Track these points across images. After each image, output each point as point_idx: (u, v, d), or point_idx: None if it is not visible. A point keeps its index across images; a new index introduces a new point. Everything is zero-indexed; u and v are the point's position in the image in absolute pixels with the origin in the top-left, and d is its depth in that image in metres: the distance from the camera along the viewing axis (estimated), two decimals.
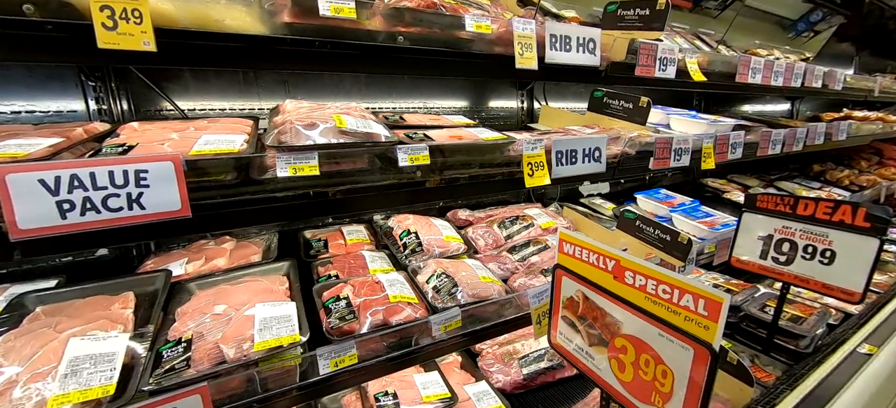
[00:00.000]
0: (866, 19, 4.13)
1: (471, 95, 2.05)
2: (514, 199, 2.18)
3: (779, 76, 2.18)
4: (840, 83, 2.75)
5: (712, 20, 3.32)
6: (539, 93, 2.14)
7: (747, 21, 3.98)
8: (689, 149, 1.68)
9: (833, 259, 1.40)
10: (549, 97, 2.22)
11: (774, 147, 2.12)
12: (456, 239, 1.45)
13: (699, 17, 3.29)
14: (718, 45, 3.08)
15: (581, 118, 1.84)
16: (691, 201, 2.12)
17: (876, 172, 3.79)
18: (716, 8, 3.18)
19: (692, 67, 1.73)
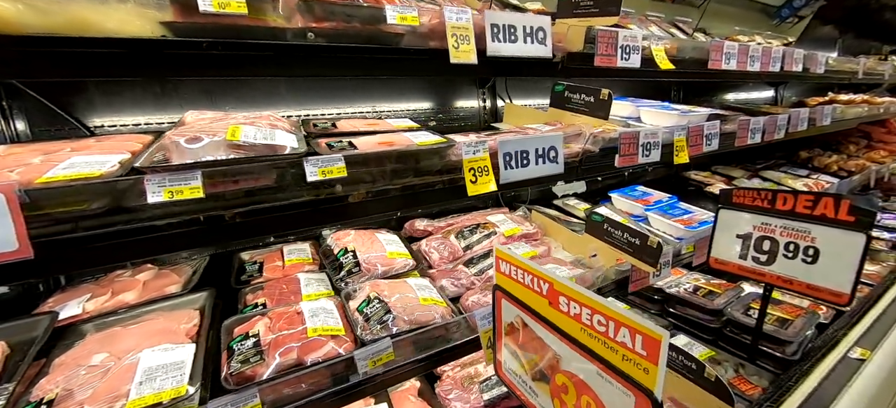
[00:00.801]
0: (847, 1, 4.04)
1: (433, 96, 1.92)
2: (481, 203, 2.05)
3: (755, 61, 2.06)
4: (822, 66, 2.63)
5: (694, 10, 3.27)
6: (503, 90, 2.01)
7: (730, 9, 3.90)
8: (659, 143, 1.55)
9: (817, 257, 1.27)
10: (515, 94, 2.09)
11: (754, 136, 2.00)
12: (403, 255, 1.31)
13: (681, 8, 3.23)
14: (694, 33, 2.97)
15: (543, 115, 1.71)
16: (669, 198, 2.00)
17: (864, 156, 3.68)
18: None
19: (659, 55, 1.60)
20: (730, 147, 1.92)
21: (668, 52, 1.70)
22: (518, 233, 1.64)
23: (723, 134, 1.87)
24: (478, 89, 1.95)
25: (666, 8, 3.12)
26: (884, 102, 3.42)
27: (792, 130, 2.35)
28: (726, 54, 1.89)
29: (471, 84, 1.97)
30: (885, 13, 5.02)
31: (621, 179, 2.71)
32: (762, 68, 2.12)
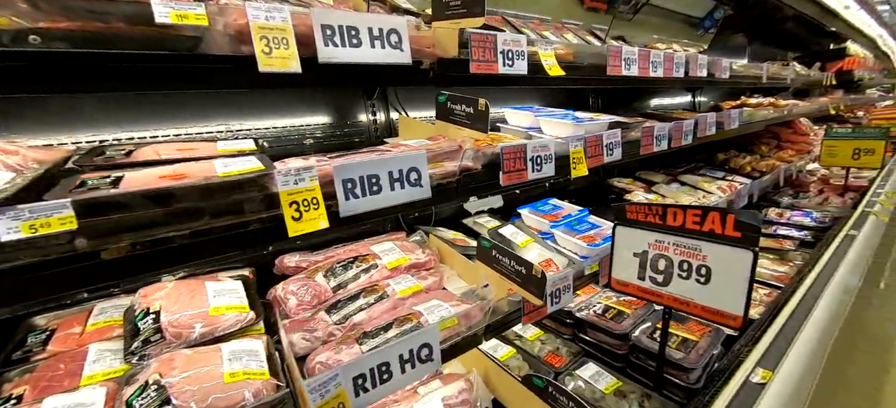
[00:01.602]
0: (753, 10, 4.29)
1: (327, 110, 1.70)
2: (380, 227, 1.83)
3: (658, 67, 2.01)
4: (726, 71, 2.68)
5: (628, 23, 3.29)
6: (400, 102, 1.82)
7: (660, 21, 4.01)
8: (551, 155, 1.41)
9: (709, 277, 1.16)
10: (419, 106, 1.91)
11: (660, 143, 1.94)
12: (236, 309, 1.06)
13: (614, 20, 3.25)
14: (613, 40, 2.96)
15: (430, 129, 1.53)
16: (580, 211, 1.88)
17: (775, 156, 3.87)
18: (628, 11, 3.21)
19: (548, 62, 1.48)
20: (635, 156, 1.85)
21: (561, 57, 1.58)
22: (405, 263, 1.43)
23: (626, 143, 1.78)
24: (365, 101, 1.74)
25: (605, 20, 3.08)
26: (787, 105, 3.61)
27: (701, 134, 2.34)
28: (626, 60, 1.81)
29: (362, 95, 1.77)
30: (787, 24, 5.44)
31: (544, 191, 2.61)
32: (666, 74, 2.09)
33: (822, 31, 5.53)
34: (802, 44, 6.30)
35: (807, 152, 4.08)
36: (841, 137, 3.52)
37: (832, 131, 3.57)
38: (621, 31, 3.23)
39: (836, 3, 3.86)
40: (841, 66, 5.42)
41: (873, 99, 7.47)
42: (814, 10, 3.96)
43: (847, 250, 2.29)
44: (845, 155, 3.50)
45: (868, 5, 4.54)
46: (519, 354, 1.63)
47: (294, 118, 1.62)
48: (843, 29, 5.11)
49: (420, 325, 1.13)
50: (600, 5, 2.94)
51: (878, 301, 3.35)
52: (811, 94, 5.71)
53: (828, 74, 5.06)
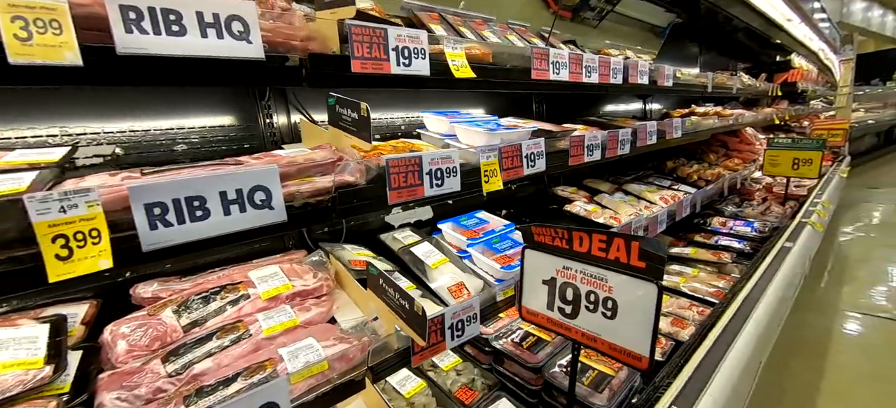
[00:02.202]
0: (699, 21, 4.33)
1: (233, 110, 1.48)
2: (281, 245, 1.62)
3: (592, 72, 1.90)
4: (670, 79, 2.63)
5: (593, 30, 3.27)
6: (301, 103, 1.61)
7: (626, 29, 3.98)
8: (455, 168, 1.25)
9: (616, 311, 1.02)
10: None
11: (592, 153, 1.83)
12: (22, 365, 0.83)
13: (579, 27, 3.18)
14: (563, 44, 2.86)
15: (325, 136, 1.33)
16: (505, 226, 1.73)
17: (722, 165, 3.91)
18: (594, 18, 3.21)
19: (455, 62, 1.31)
20: (563, 167, 1.72)
21: (476, 58, 1.42)
22: (286, 292, 1.23)
23: (553, 153, 1.65)
24: (257, 101, 1.53)
25: (570, 28, 3.05)
26: (733, 114, 3.64)
27: (641, 144, 2.26)
28: (554, 63, 1.68)
29: (253, 96, 1.55)
30: (737, 35, 5.57)
31: (481, 203, 2.46)
32: (602, 80, 1.98)
33: (770, 43, 5.71)
34: (754, 55, 6.52)
35: (752, 161, 4.16)
36: (782, 148, 3.57)
37: (774, 142, 3.63)
38: (586, 37, 3.16)
39: (779, 16, 3.94)
40: (786, 78, 5.61)
41: (818, 110, 7.85)
42: (759, 22, 4.03)
43: (780, 265, 2.27)
44: (786, 165, 3.56)
45: (809, 19, 4.70)
46: (429, 388, 1.46)
47: (183, 119, 1.39)
48: (787, 42, 5.28)
49: (273, 374, 0.94)
50: (565, 13, 2.93)
51: (816, 307, 3.42)
52: (759, 105, 5.90)
53: (774, 86, 5.21)
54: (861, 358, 2.66)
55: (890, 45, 13.53)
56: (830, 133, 5.88)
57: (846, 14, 9.79)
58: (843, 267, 4.18)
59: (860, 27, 10.60)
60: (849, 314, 3.21)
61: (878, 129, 10.75)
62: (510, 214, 2.35)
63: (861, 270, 4.08)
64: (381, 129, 1.90)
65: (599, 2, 3.14)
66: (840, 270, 4.12)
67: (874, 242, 4.80)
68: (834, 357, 2.67)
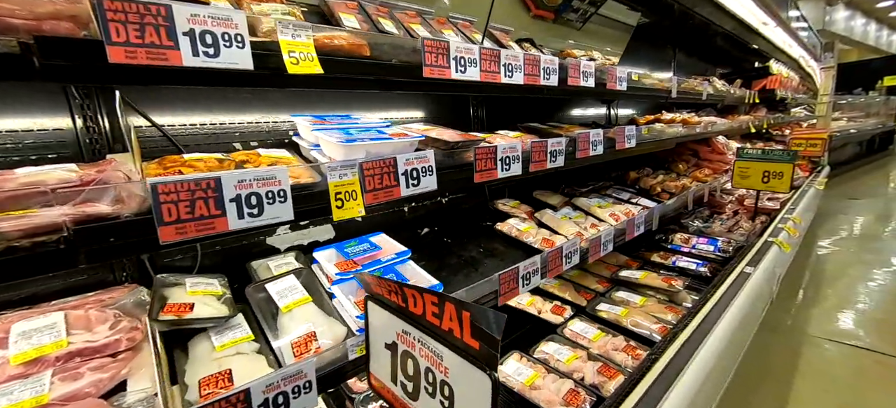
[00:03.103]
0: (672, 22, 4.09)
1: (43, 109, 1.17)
2: (110, 276, 1.31)
3: (515, 71, 1.62)
4: (623, 82, 2.36)
5: (577, 32, 3.13)
6: (130, 104, 1.30)
7: (610, 32, 3.80)
8: (283, 191, 0.95)
9: (452, 402, 0.73)
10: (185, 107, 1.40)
11: (507, 167, 1.54)
12: None
13: (562, 29, 3.02)
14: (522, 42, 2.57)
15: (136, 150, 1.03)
16: (397, 255, 1.44)
17: (692, 175, 3.67)
18: (577, 21, 3.11)
19: (294, 54, 1.01)
20: (466, 183, 1.43)
21: (339, 50, 1.13)
22: (57, 352, 0.92)
23: (449, 168, 1.36)
24: (69, 99, 1.21)
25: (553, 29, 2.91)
26: (701, 122, 3.40)
27: (582, 155, 1.99)
28: (457, 59, 1.39)
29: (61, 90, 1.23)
30: (715, 39, 5.36)
31: (399, 219, 2.17)
32: (529, 81, 1.70)
33: (748, 49, 5.51)
34: (734, 61, 6.32)
35: (724, 172, 3.92)
36: (752, 159, 3.34)
37: (744, 153, 3.39)
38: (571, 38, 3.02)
39: (753, 19, 3.71)
40: (764, 85, 5.41)
41: (799, 118, 7.70)
42: (732, 25, 3.80)
43: (737, 293, 2.00)
44: (756, 178, 3.32)
45: (785, 24, 4.48)
46: None
47: None
48: (766, 48, 5.07)
49: None
50: (547, 14, 2.82)
51: (784, 330, 3.18)
52: (736, 112, 5.70)
53: (751, 92, 5.00)
54: (827, 393, 2.42)
55: (873, 54, 13.55)
56: (809, 142, 5.69)
57: (829, 22, 9.70)
58: (818, 284, 3.97)
59: (843, 36, 10.53)
60: (818, 340, 2.98)
61: (860, 138, 10.70)
62: (433, 233, 2.06)
63: (834, 287, 3.87)
64: (261, 135, 1.60)
65: (583, 4, 2.99)
66: (814, 287, 3.91)
67: (850, 257, 4.61)
68: (798, 391, 2.42)
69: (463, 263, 1.74)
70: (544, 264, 1.66)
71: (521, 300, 2.10)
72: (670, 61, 4.87)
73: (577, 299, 2.07)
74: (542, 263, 1.63)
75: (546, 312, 1.97)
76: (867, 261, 4.45)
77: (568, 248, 1.79)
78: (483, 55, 1.49)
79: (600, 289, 2.24)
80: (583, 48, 3.21)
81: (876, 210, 6.59)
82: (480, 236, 2.04)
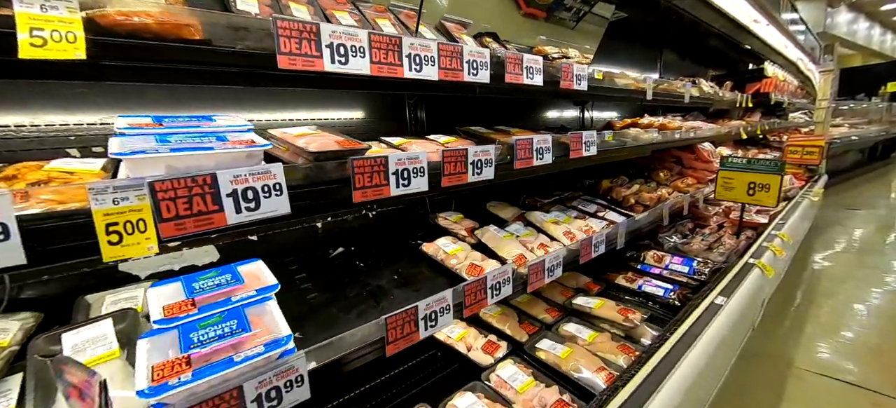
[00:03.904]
0: (653, 17, 3.79)
1: None
2: None
3: (425, 63, 1.32)
4: (582, 80, 2.06)
5: (570, 32, 2.96)
6: None
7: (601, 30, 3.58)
8: (7, 228, 0.66)
9: None
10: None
11: (404, 183, 1.24)
12: None
13: (555, 28, 2.84)
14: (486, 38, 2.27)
15: None
16: (260, 290, 1.14)
17: (673, 185, 3.37)
18: (571, 19, 2.96)
19: (42, 34, 0.72)
20: (331, 204, 1.14)
21: (123, 27, 0.83)
22: None
23: (314, 184, 1.07)
24: None
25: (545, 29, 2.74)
26: (681, 127, 3.09)
27: (523, 165, 1.69)
28: (333, 47, 1.10)
29: None
30: (709, 40, 5.06)
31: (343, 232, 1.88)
32: (449, 76, 1.41)
33: (741, 49, 5.21)
34: (728, 63, 6.01)
35: (709, 181, 3.62)
36: (736, 169, 3.03)
37: (728, 161, 3.08)
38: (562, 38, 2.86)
39: (743, 15, 3.40)
40: (758, 88, 5.10)
41: (798, 124, 7.37)
42: (720, 22, 3.49)
43: (702, 332, 1.71)
44: (741, 189, 3.02)
45: (777, 22, 4.18)
46: None
47: None
48: (760, 48, 4.77)
49: None
50: (539, 13, 2.72)
51: (769, 357, 2.88)
52: (728, 116, 5.39)
53: (744, 96, 4.69)
54: None
55: (877, 58, 13.19)
56: (805, 150, 5.37)
57: (830, 25, 9.36)
58: (809, 304, 3.66)
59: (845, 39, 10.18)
60: (804, 373, 2.67)
61: (861, 145, 10.35)
62: (347, 255, 1.77)
63: (827, 308, 3.56)
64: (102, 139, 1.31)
65: (576, 2, 2.81)
66: (805, 307, 3.60)
67: (846, 273, 4.30)
68: None
69: (366, 295, 1.45)
70: (458, 300, 1.36)
71: (453, 331, 1.80)
72: (654, 61, 4.57)
73: (517, 333, 1.78)
74: (454, 299, 1.34)
75: (477, 349, 1.67)
76: (864, 278, 4.14)
77: (495, 278, 1.49)
78: (376, 43, 1.19)
79: (549, 319, 1.94)
80: (562, 46, 2.93)
81: (876, 221, 6.27)
82: (403, 259, 1.75)
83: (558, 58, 2.80)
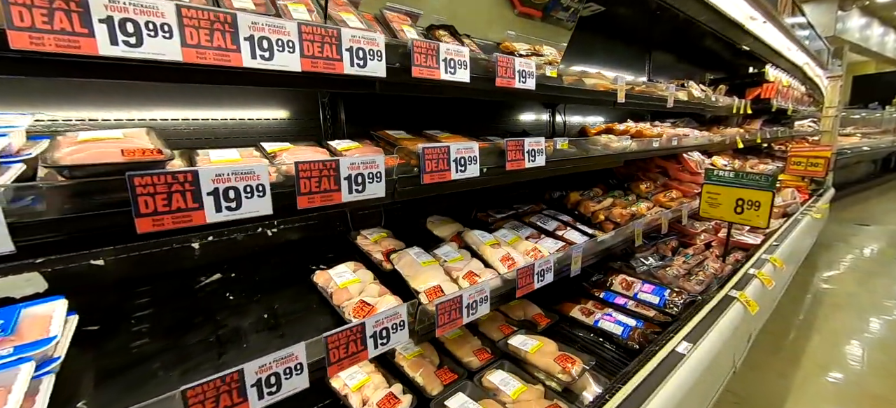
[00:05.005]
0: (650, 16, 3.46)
1: None
2: None
3: (279, 49, 1.02)
4: (530, 79, 1.74)
5: (566, 31, 2.82)
6: None
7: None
8: None
9: None
10: None
11: (217, 206, 0.93)
12: None
13: (552, 28, 2.75)
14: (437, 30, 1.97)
15: None
16: (22, 349, 0.84)
17: (654, 198, 3.02)
18: (568, 19, 2.83)
19: None
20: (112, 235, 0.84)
21: None
22: None
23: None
24: None
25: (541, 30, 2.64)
26: (660, 135, 2.75)
27: (433, 178, 1.37)
28: (111, 22, 0.80)
29: None
30: (705, 40, 4.70)
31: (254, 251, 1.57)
32: (319, 67, 1.10)
33: (740, 51, 4.83)
34: (726, 65, 5.63)
35: (695, 195, 3.26)
36: (723, 183, 2.68)
37: (713, 174, 2.73)
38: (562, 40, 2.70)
39: (735, 11, 3.05)
40: (758, 93, 4.72)
41: (804, 132, 6.94)
42: (708, 16, 3.14)
43: (656, 389, 1.37)
44: (728, 206, 2.67)
45: (776, 20, 3.81)
46: None
47: None
48: (760, 49, 4.40)
49: None
50: (534, 12, 2.64)
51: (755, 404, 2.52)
52: (727, 123, 5.01)
53: (743, 101, 4.32)
54: None
55: (891, 66, 12.63)
56: (809, 161, 4.98)
57: (841, 29, 8.89)
58: (806, 335, 3.29)
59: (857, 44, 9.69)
60: None
61: (873, 156, 9.85)
62: (225, 282, 1.46)
63: (826, 341, 3.19)
64: None
65: (574, 2, 2.68)
66: (801, 340, 3.23)
67: (849, 299, 3.91)
68: None
69: (214, 341, 1.14)
70: (317, 356, 1.05)
71: (354, 377, 1.49)
72: (641, 60, 4.22)
73: (430, 383, 1.45)
74: (309, 356, 1.02)
75: (372, 405, 1.35)
76: (870, 305, 3.75)
77: (379, 323, 1.17)
78: (189, 19, 0.89)
79: (475, 363, 1.62)
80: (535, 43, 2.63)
81: (887, 238, 5.84)
82: (292, 289, 1.44)
83: (526, 55, 2.50)
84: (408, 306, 1.27)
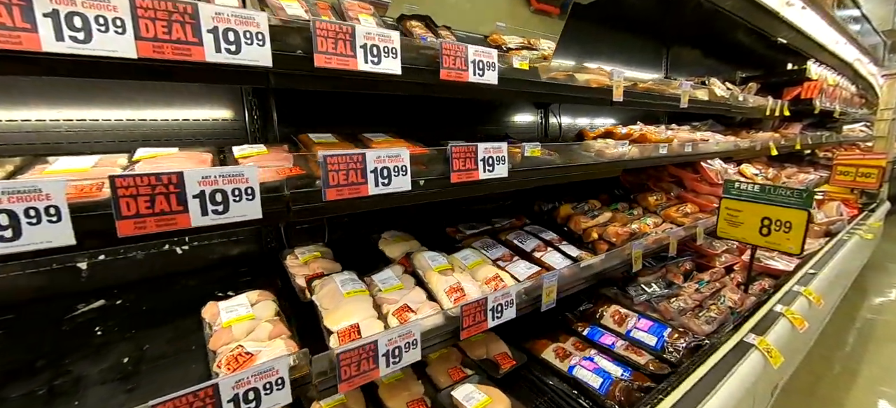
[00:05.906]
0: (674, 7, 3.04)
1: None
2: None
3: (109, 28, 0.77)
4: (489, 71, 1.43)
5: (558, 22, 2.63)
6: None
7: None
8: None
9: None
10: None
11: None
12: None
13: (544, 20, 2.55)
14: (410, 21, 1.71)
15: None
16: None
17: (664, 212, 2.61)
18: None
19: None
20: None
21: None
22: None
23: None
24: None
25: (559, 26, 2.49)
26: (669, 140, 2.34)
27: (340, 194, 1.09)
28: None
29: None
30: (738, 34, 4.18)
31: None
32: (166, 54, 0.85)
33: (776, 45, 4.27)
34: (763, 62, 5.04)
35: (713, 211, 2.82)
36: (745, 198, 2.26)
37: (733, 187, 2.31)
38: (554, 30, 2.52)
39: None
40: (798, 93, 4.16)
41: (854, 138, 6.16)
42: (734, 4, 2.70)
43: None
44: (752, 226, 2.24)
45: (820, 7, 3.28)
46: None
47: None
48: (799, 42, 3.84)
49: None
50: (552, 9, 2.54)
51: None
52: (762, 127, 4.45)
53: (778, 102, 3.79)
54: None
55: None
56: (860, 171, 4.35)
57: None
58: (851, 374, 2.77)
59: None
60: None
61: None
62: (106, 310, 1.24)
63: (874, 381, 2.67)
64: None
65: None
66: (844, 380, 2.72)
67: None
68: None
69: (40, 397, 0.90)
70: None
71: None
72: (658, 54, 3.78)
73: None
74: None
75: None
76: None
77: (243, 383, 0.90)
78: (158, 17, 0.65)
79: None
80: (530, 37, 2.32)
81: None
82: (175, 323, 1.20)
83: (516, 49, 2.19)
84: (293, 357, 0.99)
